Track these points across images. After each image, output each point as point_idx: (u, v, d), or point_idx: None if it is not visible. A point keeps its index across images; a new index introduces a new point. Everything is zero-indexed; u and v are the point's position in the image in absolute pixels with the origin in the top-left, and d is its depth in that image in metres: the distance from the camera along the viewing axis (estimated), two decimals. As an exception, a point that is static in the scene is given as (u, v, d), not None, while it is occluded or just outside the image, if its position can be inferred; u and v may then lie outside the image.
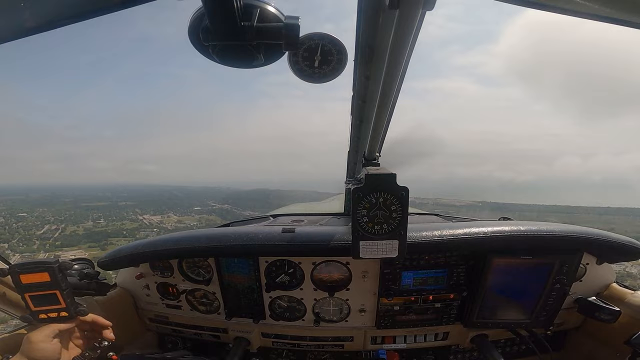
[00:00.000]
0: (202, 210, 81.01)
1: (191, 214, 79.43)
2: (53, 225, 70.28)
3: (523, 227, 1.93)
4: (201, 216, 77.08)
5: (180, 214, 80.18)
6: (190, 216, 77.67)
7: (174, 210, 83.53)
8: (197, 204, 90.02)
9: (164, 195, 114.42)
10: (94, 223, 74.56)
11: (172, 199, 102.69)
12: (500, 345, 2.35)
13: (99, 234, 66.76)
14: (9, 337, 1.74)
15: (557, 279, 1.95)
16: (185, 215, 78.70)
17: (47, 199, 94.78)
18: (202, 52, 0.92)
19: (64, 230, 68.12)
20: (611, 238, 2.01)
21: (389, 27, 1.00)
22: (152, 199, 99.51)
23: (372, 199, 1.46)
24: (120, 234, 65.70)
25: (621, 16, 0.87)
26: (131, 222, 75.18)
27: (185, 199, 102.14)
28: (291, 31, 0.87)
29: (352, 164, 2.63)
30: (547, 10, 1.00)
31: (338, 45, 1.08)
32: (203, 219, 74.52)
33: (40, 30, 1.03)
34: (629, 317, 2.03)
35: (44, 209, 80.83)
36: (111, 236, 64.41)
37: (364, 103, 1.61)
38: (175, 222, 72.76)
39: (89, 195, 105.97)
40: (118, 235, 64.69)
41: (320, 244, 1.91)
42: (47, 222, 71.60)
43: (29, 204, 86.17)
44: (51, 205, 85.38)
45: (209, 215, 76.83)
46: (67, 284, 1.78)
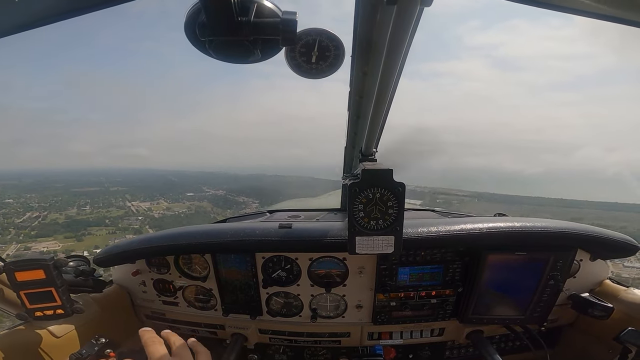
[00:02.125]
0: (194, 197, 76.90)
1: (182, 200, 76.15)
2: (36, 212, 66.73)
3: (518, 223, 1.94)
4: (192, 203, 74.01)
5: (172, 200, 76.86)
6: (181, 203, 74.62)
7: (165, 196, 79.64)
8: (191, 189, 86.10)
9: (159, 180, 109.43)
10: (78, 210, 70.29)
11: (167, 184, 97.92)
12: (495, 341, 2.37)
13: (79, 222, 62.76)
14: (5, 336, 1.73)
15: (551, 275, 1.97)
16: (176, 202, 75.54)
17: (38, 185, 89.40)
18: (199, 47, 0.92)
19: (44, 218, 64.33)
20: (605, 235, 2.03)
21: (386, 23, 0.99)
22: (146, 184, 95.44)
23: (368, 195, 1.46)
24: (103, 223, 62.56)
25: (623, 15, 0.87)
26: (118, 209, 71.48)
27: (180, 184, 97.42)
28: (288, 26, 0.87)
29: (349, 160, 2.63)
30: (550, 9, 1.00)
31: (335, 40, 1.08)
32: (194, 205, 71.73)
33: (34, 26, 1.02)
34: (622, 313, 2.05)
35: (33, 194, 77.38)
36: (92, 225, 61.33)
37: (361, 99, 1.62)
38: (164, 209, 69.60)
39: (82, 180, 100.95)
40: (100, 224, 61.72)
41: (316, 239, 1.91)
42: (31, 209, 68.21)
43: (20, 190, 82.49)
44: (41, 191, 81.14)
45: (200, 202, 73.75)
46: (62, 281, 1.78)
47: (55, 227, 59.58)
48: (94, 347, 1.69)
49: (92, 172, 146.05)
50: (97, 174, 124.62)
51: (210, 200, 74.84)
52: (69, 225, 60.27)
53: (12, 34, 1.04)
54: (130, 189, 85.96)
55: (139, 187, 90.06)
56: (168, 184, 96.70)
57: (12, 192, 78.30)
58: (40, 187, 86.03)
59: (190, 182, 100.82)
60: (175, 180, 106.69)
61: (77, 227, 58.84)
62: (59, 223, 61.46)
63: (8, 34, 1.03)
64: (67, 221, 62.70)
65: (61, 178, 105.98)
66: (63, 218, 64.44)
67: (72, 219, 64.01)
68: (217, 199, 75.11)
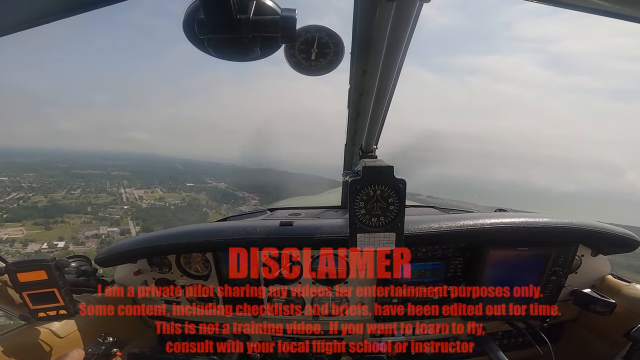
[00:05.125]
0: (194, 188, 72.81)
1: (180, 190, 71.95)
2: (21, 193, 61.81)
3: (519, 219, 1.94)
4: (189, 194, 69.89)
5: (168, 189, 72.14)
6: (177, 193, 70.29)
7: (163, 184, 74.69)
8: (193, 179, 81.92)
9: (164, 167, 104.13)
10: (66, 194, 65.33)
11: (172, 171, 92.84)
12: (497, 338, 2.37)
13: (59, 207, 57.91)
14: (9, 337, 1.73)
15: (552, 271, 1.97)
16: (172, 191, 71.11)
17: (41, 164, 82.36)
18: (197, 45, 0.91)
19: (26, 200, 59.57)
20: (606, 229, 2.03)
21: (386, 19, 0.99)
22: (150, 170, 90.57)
23: (369, 192, 1.46)
24: (84, 210, 57.79)
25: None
26: (108, 195, 66.77)
27: (184, 173, 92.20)
28: (288, 24, 0.87)
29: (349, 157, 2.63)
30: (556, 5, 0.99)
31: (335, 38, 1.08)
32: (189, 197, 67.92)
33: (36, 24, 1.02)
34: (624, 308, 2.05)
35: (31, 174, 72.36)
36: (70, 212, 55.99)
37: (361, 96, 1.61)
38: (156, 199, 65.36)
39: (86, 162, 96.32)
40: (79, 212, 56.59)
41: (318, 237, 1.91)
42: (20, 189, 63.32)
43: (22, 168, 77.00)
44: (41, 170, 75.81)
45: (198, 194, 69.79)
46: (64, 282, 1.78)
47: (32, 211, 55.08)
48: (101, 345, 1.69)
49: (100, 155, 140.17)
50: (104, 157, 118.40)
51: (208, 192, 70.36)
52: (47, 210, 55.80)
53: (11, 33, 1.04)
54: (132, 174, 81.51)
55: (141, 172, 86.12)
56: (172, 172, 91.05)
57: (13, 170, 73.86)
58: (42, 166, 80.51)
59: (195, 172, 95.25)
60: (180, 169, 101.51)
61: (53, 213, 54.24)
62: (37, 207, 56.87)
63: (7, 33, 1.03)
64: (47, 205, 58.36)
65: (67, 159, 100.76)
66: (45, 201, 60.05)
67: (53, 203, 59.90)
68: (216, 191, 70.47)
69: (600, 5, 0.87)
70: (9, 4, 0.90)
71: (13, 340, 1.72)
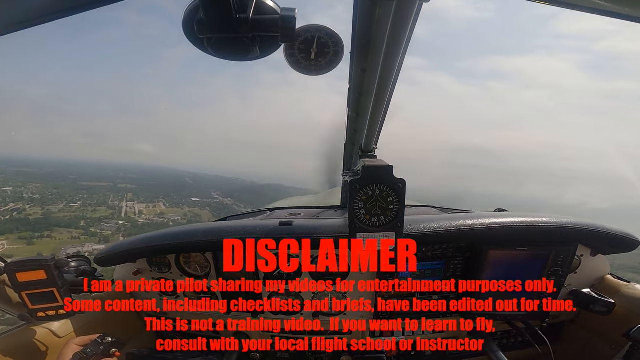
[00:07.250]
0: (198, 203, 72.03)
1: (183, 205, 70.98)
2: (19, 204, 59.77)
3: (518, 219, 1.94)
4: (192, 209, 68.68)
5: (172, 204, 71.00)
6: (180, 208, 69.27)
7: (168, 198, 73.48)
8: (199, 194, 79.90)
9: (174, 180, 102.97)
10: (64, 206, 63.25)
11: (180, 185, 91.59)
12: (497, 337, 2.37)
13: (50, 221, 55.49)
14: (8, 337, 1.73)
15: (552, 271, 1.97)
16: (175, 206, 69.98)
17: (51, 175, 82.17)
18: (197, 44, 0.91)
19: (20, 212, 57.00)
20: (605, 229, 2.03)
21: (385, 19, 0.99)
22: (157, 184, 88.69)
23: (368, 191, 1.46)
24: (75, 224, 55.65)
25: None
26: (107, 209, 64.78)
27: (192, 187, 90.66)
28: (287, 23, 0.86)
29: (349, 156, 2.63)
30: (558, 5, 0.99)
31: (335, 37, 1.08)
32: (191, 213, 66.26)
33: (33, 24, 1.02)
34: (623, 308, 2.05)
35: (37, 184, 70.77)
36: (62, 225, 53.90)
37: (361, 95, 1.61)
38: (157, 214, 63.59)
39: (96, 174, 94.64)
40: (71, 226, 54.62)
41: (317, 236, 1.91)
42: (20, 200, 61.34)
43: (32, 178, 74.91)
44: (50, 181, 74.58)
45: (201, 210, 68.53)
46: (64, 282, 1.78)
47: (21, 224, 52.27)
48: (100, 346, 1.68)
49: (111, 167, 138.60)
50: (116, 169, 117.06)
51: (213, 208, 69.39)
52: (38, 223, 53.52)
53: (10, 33, 1.03)
54: (139, 187, 79.75)
55: (148, 186, 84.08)
56: (180, 186, 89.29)
57: (20, 180, 71.89)
58: (51, 177, 79.42)
59: (203, 186, 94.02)
60: (189, 183, 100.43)
61: (42, 227, 52.15)
62: (29, 220, 54.50)
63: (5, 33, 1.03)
64: (39, 218, 56.07)
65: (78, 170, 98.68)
66: (40, 214, 57.91)
67: (46, 216, 57.51)
68: (221, 207, 68.55)
69: (601, 5, 0.87)
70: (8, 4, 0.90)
71: (12, 340, 1.72)
